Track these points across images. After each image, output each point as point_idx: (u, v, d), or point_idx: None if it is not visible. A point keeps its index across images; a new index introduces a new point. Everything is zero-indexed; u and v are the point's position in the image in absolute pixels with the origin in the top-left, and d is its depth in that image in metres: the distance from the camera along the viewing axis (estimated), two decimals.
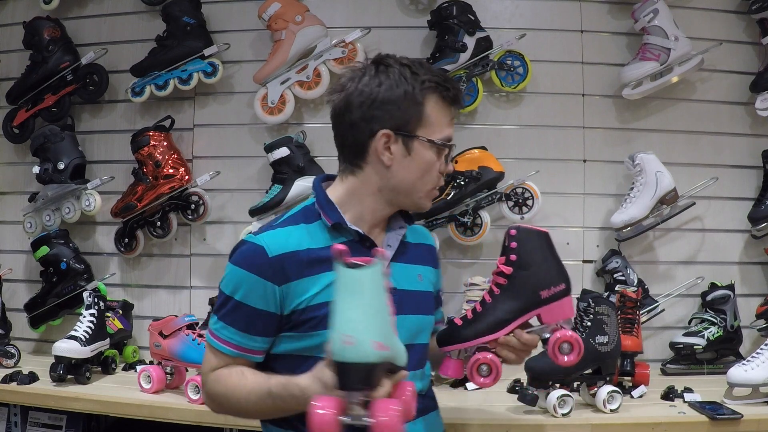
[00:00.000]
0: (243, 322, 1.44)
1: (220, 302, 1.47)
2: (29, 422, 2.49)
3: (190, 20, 2.84)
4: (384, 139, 1.46)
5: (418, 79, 1.46)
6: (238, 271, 1.44)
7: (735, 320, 2.63)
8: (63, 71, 2.91)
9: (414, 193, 1.51)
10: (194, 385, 2.20)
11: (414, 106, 1.46)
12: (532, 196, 2.69)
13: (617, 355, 2.16)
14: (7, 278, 2.92)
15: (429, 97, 1.47)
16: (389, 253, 1.55)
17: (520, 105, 2.85)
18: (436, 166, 1.50)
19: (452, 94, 1.50)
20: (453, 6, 2.72)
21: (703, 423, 2.00)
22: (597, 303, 2.10)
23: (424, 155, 1.48)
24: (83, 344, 2.42)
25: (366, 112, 1.46)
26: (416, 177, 1.49)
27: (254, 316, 1.43)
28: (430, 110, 1.47)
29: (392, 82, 1.46)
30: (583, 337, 2.04)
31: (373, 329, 1.16)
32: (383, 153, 1.47)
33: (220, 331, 1.46)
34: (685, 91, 2.84)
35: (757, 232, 2.75)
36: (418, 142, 1.47)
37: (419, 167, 1.48)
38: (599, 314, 2.08)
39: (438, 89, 1.47)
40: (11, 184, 3.10)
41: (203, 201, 2.84)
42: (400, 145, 1.47)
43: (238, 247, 1.48)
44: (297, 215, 1.52)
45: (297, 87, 2.81)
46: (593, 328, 2.07)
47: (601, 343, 2.06)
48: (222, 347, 1.46)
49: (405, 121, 1.46)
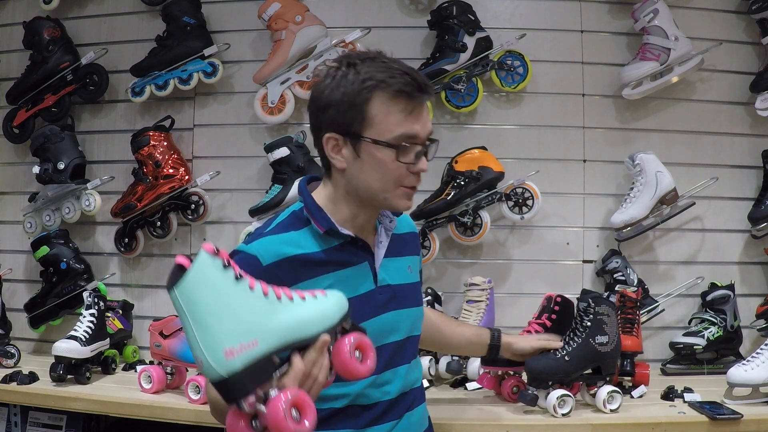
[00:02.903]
0: None
1: None
2: (29, 422, 2.49)
3: (190, 20, 2.83)
4: (331, 142, 1.43)
5: (359, 78, 1.39)
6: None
7: (735, 320, 2.63)
8: (63, 71, 2.91)
9: (378, 194, 1.46)
10: (194, 385, 2.20)
11: (353, 107, 1.40)
12: (532, 196, 2.69)
13: (617, 355, 2.16)
14: (7, 278, 2.92)
15: (374, 95, 1.39)
16: (381, 251, 1.55)
17: (520, 105, 2.85)
18: (396, 166, 1.43)
19: (398, 87, 1.39)
20: (453, 6, 2.72)
21: (703, 423, 2.00)
22: (597, 303, 2.10)
23: (375, 156, 1.42)
24: (83, 344, 2.42)
25: (316, 117, 1.45)
26: (373, 178, 1.44)
27: None
28: (375, 110, 1.40)
29: (334, 84, 1.41)
30: (583, 337, 2.05)
31: (219, 339, 1.08)
32: (333, 157, 1.44)
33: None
34: (685, 91, 2.84)
35: (757, 232, 2.75)
36: (365, 144, 1.41)
37: (373, 168, 1.43)
38: (599, 314, 2.08)
39: (379, 86, 1.39)
40: (11, 184, 3.10)
41: (203, 201, 2.84)
42: (349, 148, 1.43)
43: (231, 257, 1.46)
44: (287, 221, 1.50)
45: (297, 87, 2.81)
46: (593, 328, 2.07)
47: (601, 343, 2.06)
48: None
49: (347, 124, 1.41)
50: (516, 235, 2.83)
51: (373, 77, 1.39)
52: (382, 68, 1.41)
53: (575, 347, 2.05)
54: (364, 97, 1.39)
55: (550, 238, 2.83)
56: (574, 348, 2.05)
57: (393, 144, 1.41)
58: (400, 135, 1.41)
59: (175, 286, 1.08)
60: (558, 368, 2.02)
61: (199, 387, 2.17)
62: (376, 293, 1.51)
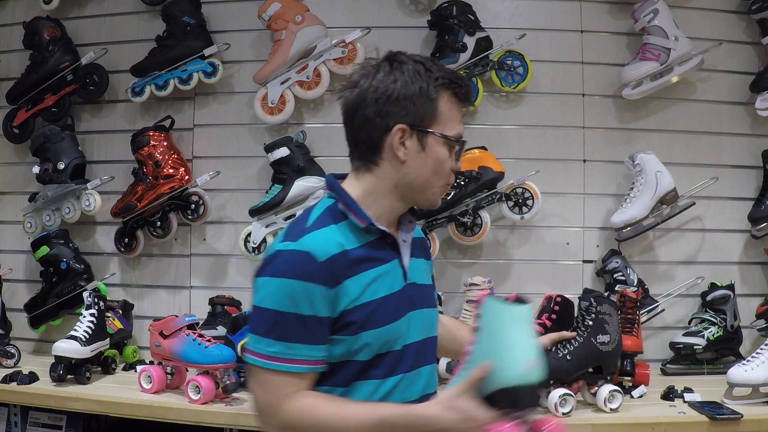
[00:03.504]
0: (306, 334, 1.36)
1: (269, 322, 1.36)
2: (29, 422, 2.49)
3: (190, 20, 2.83)
4: (399, 134, 1.46)
5: (432, 75, 1.46)
6: (285, 282, 1.36)
7: (735, 320, 2.63)
8: (63, 71, 2.91)
9: (428, 189, 1.51)
10: (194, 385, 2.20)
11: (428, 102, 1.46)
12: (532, 196, 2.69)
13: (618, 354, 2.17)
14: (7, 278, 2.92)
15: (442, 94, 1.47)
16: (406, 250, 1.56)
17: (520, 105, 2.85)
18: (448, 162, 1.50)
19: (464, 91, 1.51)
20: (453, 6, 2.72)
21: (703, 423, 2.00)
22: (599, 302, 2.10)
23: (437, 151, 1.48)
24: (83, 344, 2.42)
25: (381, 107, 1.46)
26: (430, 173, 1.49)
27: (314, 324, 1.37)
28: (443, 107, 1.47)
29: (407, 79, 1.46)
30: (585, 336, 2.06)
31: (535, 352, 1.28)
32: (398, 148, 1.47)
33: (283, 352, 1.36)
34: (685, 91, 2.84)
35: (757, 232, 2.75)
36: (432, 138, 1.47)
37: (433, 163, 1.48)
38: (601, 313, 2.09)
39: (451, 86, 1.48)
40: (11, 184, 3.10)
41: (203, 201, 2.84)
42: (414, 141, 1.47)
43: (273, 258, 1.40)
44: (324, 216, 1.48)
45: (297, 87, 2.81)
46: (595, 327, 2.07)
47: (602, 343, 2.07)
48: (293, 368, 1.36)
49: (420, 117, 1.46)
50: (516, 235, 2.83)
51: (444, 76, 1.47)
52: (444, 70, 1.50)
53: (577, 346, 2.05)
54: (436, 93, 1.46)
55: (550, 238, 2.83)
56: (575, 347, 2.05)
57: (454, 139, 1.50)
58: (456, 133, 1.50)
59: (526, 303, 1.32)
60: (560, 367, 2.02)
61: (199, 387, 2.18)
62: (406, 291, 1.52)
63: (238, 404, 2.20)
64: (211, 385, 2.19)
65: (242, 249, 2.79)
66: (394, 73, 1.47)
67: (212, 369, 2.21)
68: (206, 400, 2.18)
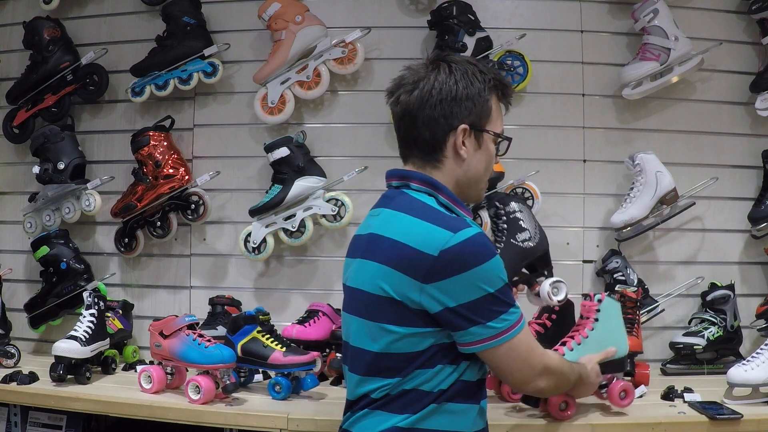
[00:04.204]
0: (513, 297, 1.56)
1: (507, 293, 1.51)
2: (29, 422, 2.49)
3: (190, 20, 2.84)
4: (462, 133, 1.55)
5: (486, 77, 1.57)
6: (497, 258, 1.49)
7: (735, 320, 2.63)
8: (63, 71, 2.91)
9: (480, 183, 1.62)
10: (194, 385, 2.20)
11: (485, 102, 1.57)
12: (532, 196, 2.69)
13: (545, 246, 2.12)
14: (7, 278, 2.91)
15: (492, 94, 1.58)
16: None
17: (520, 105, 2.84)
18: (493, 158, 1.62)
19: (509, 92, 1.63)
20: (453, 6, 2.72)
21: (703, 423, 2.00)
22: (504, 203, 2.08)
23: (490, 148, 1.60)
24: (83, 344, 2.42)
25: (446, 108, 1.54)
26: (484, 168, 1.61)
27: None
28: (494, 106, 1.59)
29: (468, 80, 1.56)
30: (504, 241, 2.04)
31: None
32: (461, 147, 1.56)
33: (519, 312, 1.53)
34: (685, 91, 2.84)
35: (757, 232, 2.75)
36: (486, 136, 1.58)
37: (487, 159, 1.60)
38: (510, 213, 2.06)
39: (499, 87, 1.59)
40: (11, 184, 3.10)
41: (203, 201, 2.84)
42: (472, 139, 1.57)
43: (477, 241, 1.48)
44: (443, 210, 1.56)
45: (297, 87, 2.81)
46: (510, 229, 2.04)
47: (524, 240, 2.03)
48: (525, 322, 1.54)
49: (479, 117, 1.56)
50: None
51: (495, 78, 1.59)
52: (492, 71, 1.60)
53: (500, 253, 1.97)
54: (489, 93, 1.57)
55: (550, 238, 2.75)
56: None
57: (505, 138, 1.62)
58: (501, 131, 1.62)
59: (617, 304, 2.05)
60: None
61: (199, 387, 2.17)
62: None
63: (238, 404, 2.20)
64: (211, 385, 2.19)
65: (242, 249, 2.79)
66: (455, 74, 1.56)
67: (212, 369, 2.21)
68: (206, 400, 2.18)
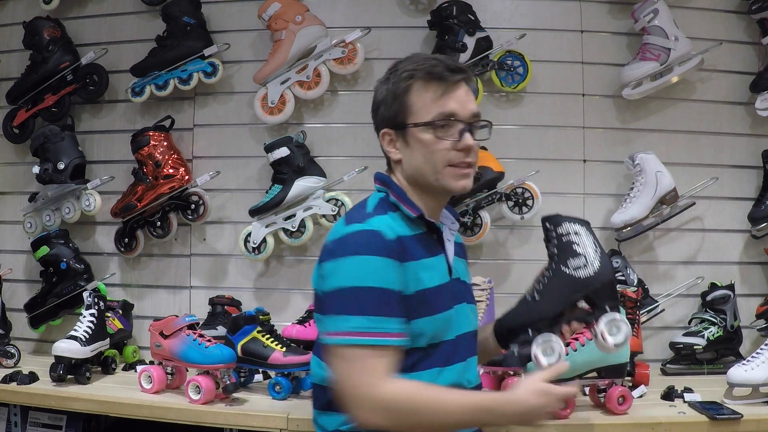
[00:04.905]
0: (385, 308, 1.40)
1: (351, 299, 1.39)
2: (29, 422, 2.49)
3: (190, 20, 2.83)
4: (387, 137, 1.57)
5: (396, 74, 1.55)
6: (362, 259, 1.41)
7: (735, 320, 2.63)
8: (63, 71, 2.91)
9: (430, 176, 1.54)
10: (194, 385, 2.20)
11: (396, 100, 1.54)
12: (532, 196, 2.69)
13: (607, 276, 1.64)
14: (7, 278, 2.91)
15: (411, 85, 1.53)
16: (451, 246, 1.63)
17: (520, 105, 2.85)
18: (439, 144, 1.52)
19: (427, 70, 1.52)
20: (453, 6, 2.72)
21: (703, 423, 2.00)
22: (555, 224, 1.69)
23: (420, 139, 1.53)
24: (83, 344, 2.42)
25: (374, 118, 1.61)
26: (423, 161, 1.53)
27: (392, 297, 1.41)
28: (414, 98, 1.53)
29: (378, 85, 1.59)
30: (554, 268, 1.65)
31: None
32: (390, 150, 1.58)
33: (368, 326, 1.37)
34: (685, 91, 2.84)
35: (757, 232, 2.75)
36: (411, 130, 1.54)
37: (420, 152, 1.53)
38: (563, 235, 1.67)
39: (413, 75, 1.53)
40: (11, 184, 3.10)
41: (203, 201, 2.84)
42: (400, 139, 1.56)
43: (344, 240, 1.44)
44: (380, 206, 1.56)
45: (297, 87, 2.81)
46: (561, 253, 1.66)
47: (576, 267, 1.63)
48: (380, 341, 1.37)
49: (393, 116, 1.55)
50: (516, 235, 2.83)
51: (407, 69, 1.54)
52: (414, 60, 1.55)
53: (546, 282, 1.65)
54: (403, 88, 1.53)
55: None
56: (545, 284, 1.65)
57: (430, 122, 1.51)
58: (436, 114, 1.52)
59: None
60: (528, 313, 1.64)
61: (199, 387, 2.17)
62: (451, 284, 1.59)
63: (238, 404, 2.20)
64: (211, 385, 2.19)
65: (242, 249, 2.79)
66: (383, 82, 1.59)
67: (212, 369, 2.21)
68: (206, 400, 2.18)
